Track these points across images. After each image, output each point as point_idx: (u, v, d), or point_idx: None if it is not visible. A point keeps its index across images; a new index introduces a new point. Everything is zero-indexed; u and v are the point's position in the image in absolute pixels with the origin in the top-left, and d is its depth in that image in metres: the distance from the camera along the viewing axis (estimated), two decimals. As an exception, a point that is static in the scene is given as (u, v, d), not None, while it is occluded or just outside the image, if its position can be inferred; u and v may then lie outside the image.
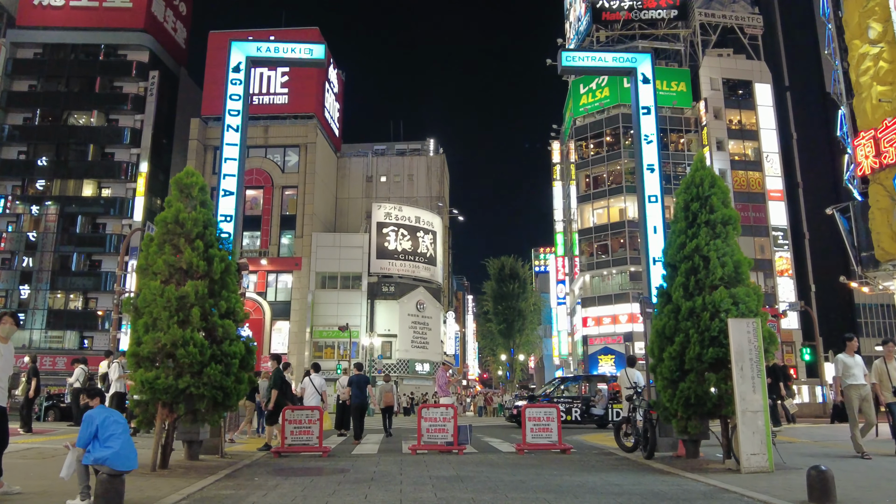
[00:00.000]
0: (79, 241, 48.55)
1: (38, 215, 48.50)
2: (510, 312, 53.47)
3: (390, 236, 48.88)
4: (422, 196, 54.61)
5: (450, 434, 10.62)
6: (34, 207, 48.75)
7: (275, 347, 46.31)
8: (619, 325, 49.62)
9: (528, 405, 12.02)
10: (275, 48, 11.97)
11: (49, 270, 47.78)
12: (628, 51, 56.24)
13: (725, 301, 8.75)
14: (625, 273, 50.25)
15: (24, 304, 47.90)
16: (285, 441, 10.35)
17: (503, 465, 9.10)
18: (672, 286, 9.23)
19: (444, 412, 10.77)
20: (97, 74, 51.62)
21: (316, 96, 51.19)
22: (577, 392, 20.28)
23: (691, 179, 9.62)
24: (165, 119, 53.77)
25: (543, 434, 10.74)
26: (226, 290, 8.67)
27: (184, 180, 8.90)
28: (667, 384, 9.02)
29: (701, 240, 9.13)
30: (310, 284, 46.71)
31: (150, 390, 7.96)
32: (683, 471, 8.44)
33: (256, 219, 48.56)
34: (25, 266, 48.11)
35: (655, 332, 9.29)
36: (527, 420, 10.78)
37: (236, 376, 8.40)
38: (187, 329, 8.17)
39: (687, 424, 8.96)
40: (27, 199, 49.08)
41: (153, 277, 8.49)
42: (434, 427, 10.65)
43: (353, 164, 56.65)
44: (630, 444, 10.77)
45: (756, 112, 53.50)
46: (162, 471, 8.12)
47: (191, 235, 8.63)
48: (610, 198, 52.10)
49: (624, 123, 52.48)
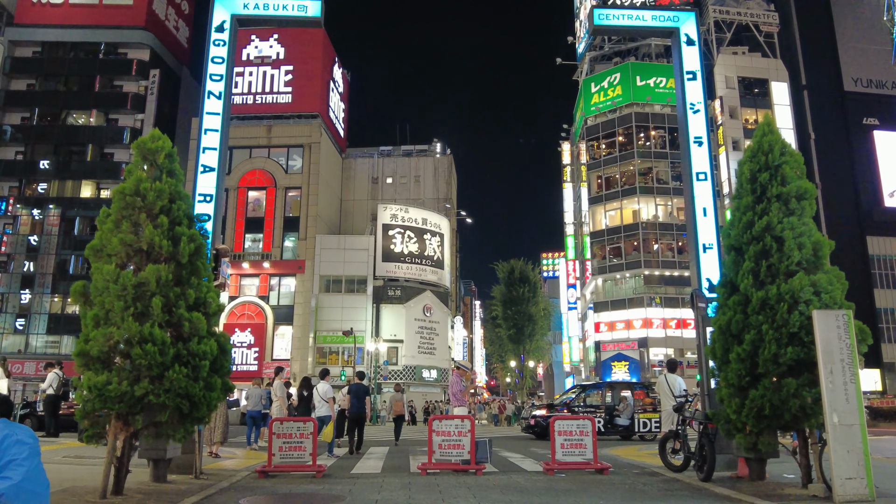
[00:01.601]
0: (76, 244, 47.22)
1: (41, 218, 47.26)
2: (520, 317, 51.70)
3: (396, 238, 47.32)
4: (429, 198, 53.04)
5: (466, 451, 9.02)
6: (35, 211, 47.48)
7: (277, 353, 44.79)
8: (633, 330, 47.85)
9: (557, 416, 10.39)
10: (264, 4, 10.46)
11: (50, 274, 46.51)
12: (640, 48, 55.04)
13: (806, 290, 7.14)
14: (639, 277, 48.51)
15: (25, 309, 46.62)
16: (273, 459, 8.77)
17: (534, 492, 7.49)
18: (739, 273, 7.63)
19: (458, 425, 9.16)
20: (97, 73, 50.42)
21: (320, 95, 49.80)
22: (600, 400, 18.61)
23: (758, 146, 8.02)
24: (167, 119, 52.47)
25: (576, 451, 9.12)
26: (195, 277, 7.11)
27: (148, 144, 7.36)
28: (734, 392, 7.41)
29: (773, 217, 7.53)
30: (313, 288, 45.18)
31: (100, 398, 6.39)
32: (757, 498, 6.83)
33: (259, 221, 47.15)
34: (26, 270, 46.84)
35: (718, 330, 7.67)
36: (556, 434, 9.15)
37: (206, 381, 6.82)
38: (146, 323, 6.61)
39: (757, 440, 7.34)
40: (25, 201, 47.81)
41: (107, 260, 6.95)
42: (448, 442, 9.04)
43: (358, 166, 55.18)
44: (678, 463, 9.15)
45: (773, 111, 51.78)
46: (114, 498, 6.55)
47: (153, 210, 7.08)
48: (623, 199, 50.43)
49: (637, 123, 50.94)
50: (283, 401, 14.00)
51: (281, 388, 14.16)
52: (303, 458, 8.82)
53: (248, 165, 47.91)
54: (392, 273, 46.59)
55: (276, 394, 14.00)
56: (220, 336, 7.22)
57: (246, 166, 47.89)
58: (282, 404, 13.87)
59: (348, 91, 58.49)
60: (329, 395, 12.50)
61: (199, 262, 7.20)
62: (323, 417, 12.10)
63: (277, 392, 14.04)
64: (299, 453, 8.79)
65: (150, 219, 7.07)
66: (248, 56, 49.74)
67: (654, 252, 48.56)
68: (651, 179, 50.04)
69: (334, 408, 12.61)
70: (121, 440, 6.71)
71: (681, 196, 49.88)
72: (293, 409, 14.43)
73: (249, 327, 44.38)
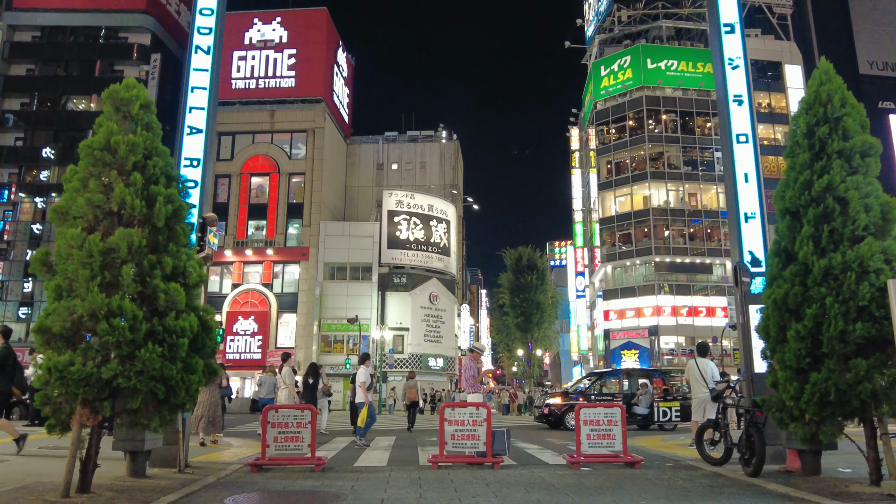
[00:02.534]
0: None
1: (43, 207, 46.53)
2: (528, 305, 50.68)
3: (402, 225, 46.37)
4: (435, 184, 51.99)
5: (482, 442, 8.09)
6: (38, 199, 46.75)
7: (281, 341, 44.01)
8: (643, 318, 46.88)
9: (582, 404, 9.45)
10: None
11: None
12: (651, 31, 53.74)
13: (877, 258, 6.18)
14: (649, 264, 47.49)
15: (28, 297, 46.13)
16: (267, 451, 7.88)
17: (562, 489, 6.57)
18: (796, 241, 6.65)
19: (473, 413, 8.22)
20: (97, 58, 49.52)
21: (324, 79, 48.75)
22: (617, 388, 17.67)
23: (814, 97, 7.04)
24: (169, 104, 51.52)
25: (604, 442, 8.18)
26: (174, 244, 6.18)
27: (120, 93, 6.43)
28: (791, 375, 6.45)
29: (834, 175, 6.56)
30: (318, 275, 44.33)
31: (61, 381, 5.50)
32: (822, 497, 5.90)
33: (262, 207, 46.28)
34: (28, 258, 46.16)
35: (773, 305, 6.70)
36: (582, 424, 8.22)
37: (185, 362, 5.90)
38: (114, 295, 5.71)
39: (818, 430, 6.38)
40: (27, 189, 47.09)
41: (72, 224, 6.04)
42: (461, 432, 8.11)
43: (363, 152, 54.16)
44: (717, 455, 8.23)
45: (786, 94, 50.64)
46: (78, 497, 5.67)
47: (125, 166, 6.16)
48: (633, 185, 49.34)
49: (648, 106, 49.79)
50: (291, 388, 13.44)
51: (289, 375, 13.60)
52: (300, 449, 7.93)
53: (251, 151, 46.98)
54: (398, 260, 45.69)
55: (285, 381, 13.44)
56: (202, 310, 6.29)
57: (249, 152, 46.97)
58: (290, 391, 13.31)
59: (353, 76, 57.41)
60: (365, 380, 12.07)
61: (178, 226, 6.28)
62: (358, 404, 12.09)
63: (286, 379, 13.48)
64: (296, 444, 7.89)
65: (122, 176, 6.15)
66: (251, 40, 48.74)
67: (665, 238, 47.50)
68: (662, 164, 48.91)
69: (368, 395, 12.07)
70: (87, 430, 5.83)
71: (693, 181, 48.77)
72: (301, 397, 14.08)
73: (253, 315, 43.59)
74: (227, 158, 47.05)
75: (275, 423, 7.86)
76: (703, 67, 50.77)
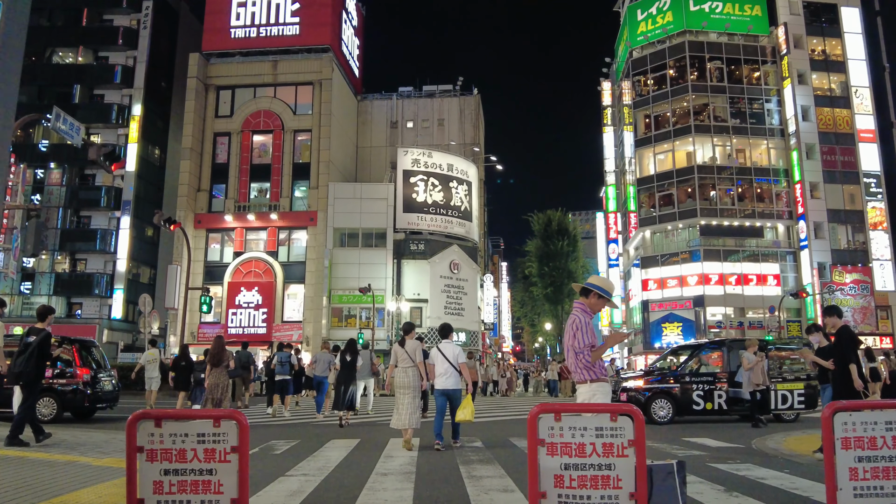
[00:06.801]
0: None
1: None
2: (558, 273, 46.15)
3: (419, 186, 41.90)
4: (454, 143, 47.36)
5: (626, 492, 3.73)
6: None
7: (288, 315, 40.06)
8: (686, 287, 42.41)
9: (840, 406, 5.02)
10: None
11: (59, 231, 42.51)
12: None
13: None
14: (693, 227, 42.86)
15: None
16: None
17: None
18: None
19: (601, 431, 3.85)
20: (83, 6, 45.61)
21: (331, 26, 44.02)
22: (721, 365, 13.27)
23: None
24: (164, 57, 47.32)
25: (890, 485, 3.86)
26: None
27: None
28: None
29: None
30: (327, 242, 40.10)
31: None
32: None
33: (265, 168, 42.06)
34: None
35: None
36: (839, 446, 3.86)
37: None
38: None
39: None
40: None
41: None
42: (580, 474, 3.75)
43: (374, 109, 49.57)
44: None
45: (843, 40, 45.50)
46: None
47: None
48: (675, 140, 44.52)
49: (691, 53, 44.82)
50: (421, 366, 9.69)
51: (418, 350, 9.80)
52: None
53: (253, 106, 42.64)
54: (414, 225, 41.32)
55: (414, 357, 10.04)
56: None
57: (250, 107, 42.64)
58: (419, 369, 9.68)
59: (363, 26, 52.64)
60: (417, 354, 9.46)
61: None
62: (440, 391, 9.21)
63: (416, 356, 9.92)
64: (202, 498, 3.54)
65: None
66: (251, -18, 44.16)
67: (712, 199, 42.76)
68: (707, 117, 44.00)
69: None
70: None
71: (742, 135, 43.89)
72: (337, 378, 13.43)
73: (257, 286, 39.59)
74: (226, 115, 42.81)
75: (156, 450, 3.50)
76: (752, 10, 45.61)
